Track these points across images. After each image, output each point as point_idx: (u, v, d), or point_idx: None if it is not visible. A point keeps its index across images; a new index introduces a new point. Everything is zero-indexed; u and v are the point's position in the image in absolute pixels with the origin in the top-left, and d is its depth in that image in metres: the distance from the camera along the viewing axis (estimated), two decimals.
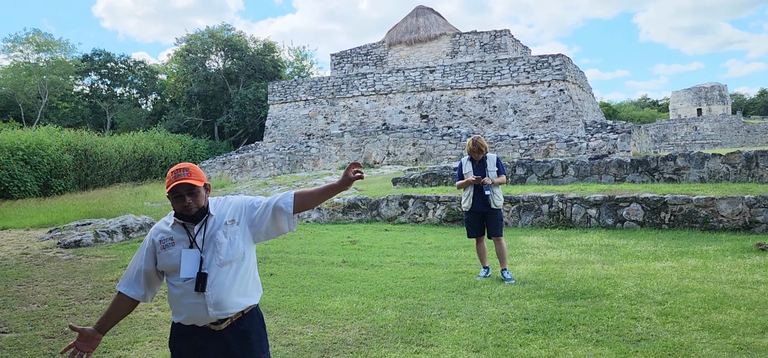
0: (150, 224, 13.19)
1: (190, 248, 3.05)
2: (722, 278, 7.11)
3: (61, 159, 26.72)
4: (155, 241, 3.13)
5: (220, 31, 46.96)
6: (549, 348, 5.02)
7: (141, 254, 3.18)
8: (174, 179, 3.04)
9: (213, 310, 3.01)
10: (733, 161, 13.53)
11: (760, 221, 10.36)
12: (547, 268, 8.13)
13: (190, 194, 3.06)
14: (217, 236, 3.06)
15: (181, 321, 3.10)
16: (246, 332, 3.11)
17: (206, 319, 3.04)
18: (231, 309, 3.06)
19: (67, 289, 7.78)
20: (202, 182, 3.11)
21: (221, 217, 3.12)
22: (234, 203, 3.20)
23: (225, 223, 3.11)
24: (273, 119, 34.64)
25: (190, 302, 3.02)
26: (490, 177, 7.68)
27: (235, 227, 3.12)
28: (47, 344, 5.57)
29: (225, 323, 3.06)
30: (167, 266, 3.08)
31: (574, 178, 14.95)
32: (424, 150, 26.38)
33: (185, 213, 3.06)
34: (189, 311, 3.03)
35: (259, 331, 3.19)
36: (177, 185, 3.03)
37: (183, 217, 3.08)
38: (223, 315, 3.05)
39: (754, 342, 4.94)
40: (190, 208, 3.05)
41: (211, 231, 3.08)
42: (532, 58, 28.80)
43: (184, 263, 3.03)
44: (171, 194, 3.05)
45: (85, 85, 52.30)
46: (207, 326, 3.06)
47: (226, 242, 3.07)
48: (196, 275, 3.00)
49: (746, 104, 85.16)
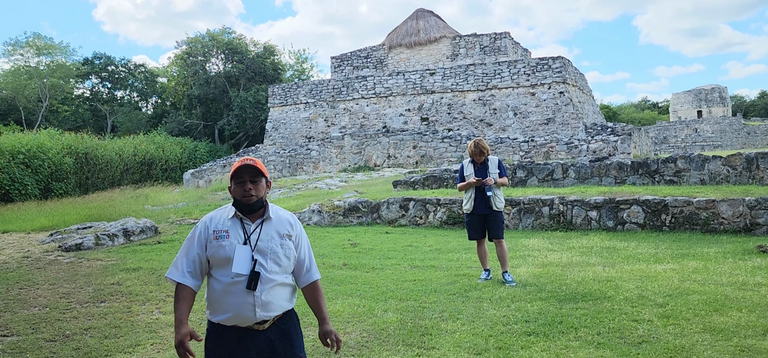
0: (151, 227, 13.20)
1: (244, 244, 3.06)
2: (723, 280, 7.11)
3: (61, 162, 26.74)
4: (210, 229, 3.12)
5: (221, 34, 47.03)
6: (550, 351, 5.02)
7: (192, 240, 3.16)
8: (240, 162, 3.09)
9: (260, 310, 3.03)
10: (733, 163, 13.54)
11: (761, 223, 10.36)
12: (548, 270, 8.13)
13: (253, 182, 3.09)
14: (274, 243, 3.10)
15: (221, 321, 3.08)
16: (287, 331, 3.17)
17: (251, 319, 3.04)
18: (276, 311, 3.11)
19: (68, 292, 7.78)
20: (265, 174, 3.16)
21: (279, 224, 3.17)
22: (294, 222, 3.25)
23: (282, 234, 3.15)
24: (273, 122, 34.67)
25: (236, 300, 3.02)
26: (493, 181, 7.68)
27: (290, 244, 3.17)
28: (49, 348, 5.57)
29: (268, 323, 3.10)
30: (218, 257, 3.06)
31: (574, 180, 14.96)
32: (424, 152, 26.39)
33: (245, 200, 3.08)
34: (234, 309, 3.03)
35: (298, 330, 3.27)
36: (242, 166, 3.07)
37: (242, 208, 3.10)
38: (268, 316, 3.08)
39: (755, 344, 4.93)
40: (251, 194, 3.08)
41: (268, 235, 3.11)
42: (532, 61, 28.82)
43: (238, 258, 3.02)
44: (235, 178, 3.09)
45: (86, 88, 52.40)
46: (250, 326, 3.07)
47: (282, 253, 3.12)
48: (250, 273, 3.01)
49: (746, 106, 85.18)
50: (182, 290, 3.16)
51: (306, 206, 15.21)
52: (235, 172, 3.09)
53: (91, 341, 5.73)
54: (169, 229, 13.92)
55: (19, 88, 43.12)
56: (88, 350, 5.47)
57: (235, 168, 3.09)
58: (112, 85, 52.88)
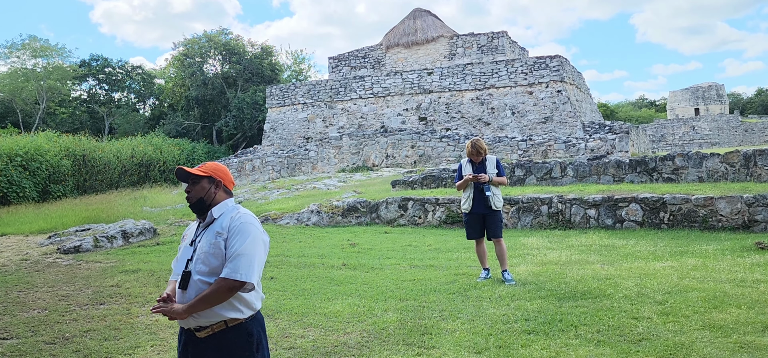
0: (149, 228, 13.19)
1: (190, 245, 3.08)
2: (722, 277, 7.13)
3: (59, 165, 26.70)
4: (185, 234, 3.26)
5: (218, 35, 46.98)
6: (550, 349, 5.03)
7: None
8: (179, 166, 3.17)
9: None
10: (731, 161, 13.56)
11: (759, 220, 10.38)
12: (548, 269, 8.14)
13: (192, 183, 3.12)
14: (204, 243, 2.99)
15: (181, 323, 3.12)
16: (228, 346, 2.94)
17: (188, 323, 2.95)
18: (209, 318, 2.91)
19: (67, 294, 7.78)
20: (204, 173, 3.12)
21: (218, 225, 3.02)
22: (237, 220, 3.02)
23: (217, 232, 2.99)
24: (271, 123, 34.65)
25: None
26: (489, 177, 7.69)
27: (220, 241, 2.97)
28: (48, 350, 5.56)
29: (204, 331, 2.94)
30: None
31: (573, 179, 14.97)
32: (422, 152, 26.40)
33: (188, 201, 3.13)
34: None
35: (245, 349, 2.98)
36: (177, 170, 3.12)
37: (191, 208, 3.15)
38: (203, 322, 2.92)
39: (754, 341, 4.95)
40: (189, 196, 3.11)
41: (206, 236, 3.03)
42: (530, 60, 28.84)
43: (179, 258, 3.08)
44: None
45: (83, 90, 52.30)
46: (190, 329, 2.97)
47: (210, 253, 2.96)
48: (182, 273, 3.00)
49: (744, 103, 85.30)
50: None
51: (304, 207, 15.21)
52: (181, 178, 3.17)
53: (90, 343, 5.73)
54: (168, 230, 13.91)
55: (16, 90, 43.03)
56: (88, 353, 5.47)
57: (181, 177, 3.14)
58: (110, 87, 52.79)
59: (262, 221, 14.86)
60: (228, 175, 3.22)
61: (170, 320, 2.97)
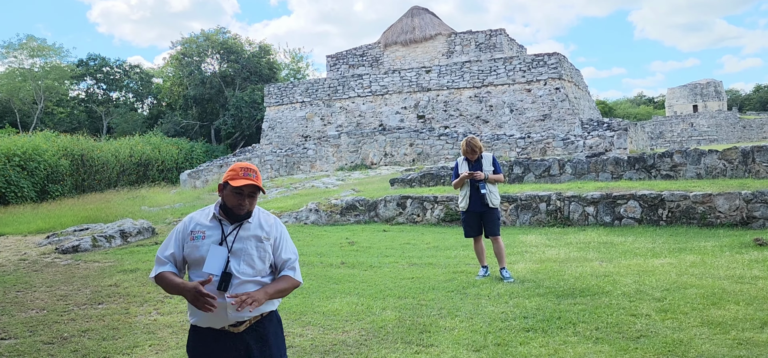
0: (148, 228, 13.17)
1: (219, 245, 3.03)
2: (721, 273, 7.13)
3: (57, 164, 26.66)
4: (188, 229, 3.10)
5: (216, 34, 46.94)
6: (549, 346, 5.03)
7: (170, 239, 3.14)
8: (243, 177, 3.05)
9: (231, 312, 2.98)
10: (729, 157, 13.57)
11: (758, 217, 10.39)
12: (546, 266, 8.14)
13: (251, 197, 3.08)
14: (248, 246, 3.06)
15: (196, 323, 3.05)
16: (265, 334, 3.10)
17: (225, 321, 3.00)
18: (249, 313, 3.02)
19: (65, 294, 7.77)
20: (263, 189, 3.14)
21: (257, 227, 3.12)
22: (272, 223, 3.19)
23: (259, 236, 3.09)
24: (269, 122, 34.63)
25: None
26: (485, 175, 7.69)
27: (265, 245, 3.11)
28: (47, 350, 5.56)
29: (243, 324, 3.04)
30: (193, 257, 3.05)
31: (571, 176, 14.98)
32: (421, 150, 26.39)
33: (237, 212, 3.06)
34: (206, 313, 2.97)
35: (277, 334, 3.18)
36: (245, 185, 3.02)
37: (227, 214, 3.08)
38: (241, 317, 3.02)
39: (753, 337, 4.95)
40: (244, 208, 3.06)
41: (245, 237, 3.06)
42: (528, 57, 28.83)
43: (211, 258, 2.99)
44: (234, 189, 3.03)
45: (81, 90, 52.28)
46: (225, 328, 3.02)
47: (256, 255, 3.07)
48: (221, 274, 2.97)
49: (742, 100, 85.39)
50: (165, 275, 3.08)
51: (303, 205, 15.20)
52: (238, 187, 3.03)
53: (89, 343, 5.72)
54: (167, 230, 13.90)
55: (13, 90, 42.96)
56: (86, 353, 5.46)
57: (240, 185, 3.02)
58: (108, 87, 52.77)
59: None
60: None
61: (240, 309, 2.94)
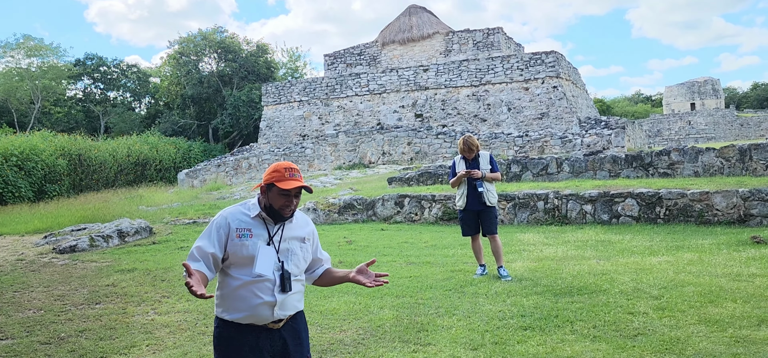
0: (145, 228, 13.15)
1: (268, 245, 3.05)
2: (718, 271, 7.14)
3: (55, 164, 26.62)
4: (232, 227, 3.04)
5: (213, 33, 46.87)
6: (546, 345, 5.03)
7: (210, 236, 3.04)
8: (290, 178, 3.04)
9: (278, 310, 3.04)
10: (727, 155, 13.59)
11: (755, 214, 10.41)
12: (544, 264, 8.15)
13: (297, 197, 3.09)
14: (294, 246, 3.13)
15: (236, 319, 3.02)
16: (298, 330, 3.20)
17: (268, 318, 3.03)
18: (290, 311, 3.12)
19: (63, 294, 7.75)
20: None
21: (298, 227, 3.19)
22: (306, 221, 3.29)
23: (301, 237, 3.18)
24: (267, 121, 34.60)
25: (256, 300, 2.98)
26: (482, 173, 7.69)
27: (307, 247, 3.23)
28: (44, 351, 5.54)
29: (282, 321, 3.10)
30: (240, 256, 3.00)
31: (569, 174, 14.99)
32: (419, 149, 26.39)
33: (284, 213, 3.06)
34: (252, 309, 2.99)
35: (306, 330, 3.31)
36: (294, 187, 3.02)
37: (274, 215, 3.07)
38: (284, 315, 3.09)
39: (750, 335, 4.95)
40: (291, 210, 3.08)
41: (290, 237, 3.13)
42: (526, 56, 28.84)
43: (262, 258, 3.00)
44: (282, 192, 3.02)
45: (78, 89, 52.19)
46: (265, 324, 3.06)
47: (301, 256, 3.17)
48: (280, 276, 3.02)
49: (739, 98, 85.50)
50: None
51: (301, 204, 15.20)
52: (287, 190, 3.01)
53: (86, 343, 5.71)
54: (164, 229, 13.88)
55: (10, 90, 42.86)
56: (83, 353, 5.45)
57: (289, 188, 3.00)
58: (105, 86, 52.66)
59: None
60: None
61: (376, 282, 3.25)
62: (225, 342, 3.07)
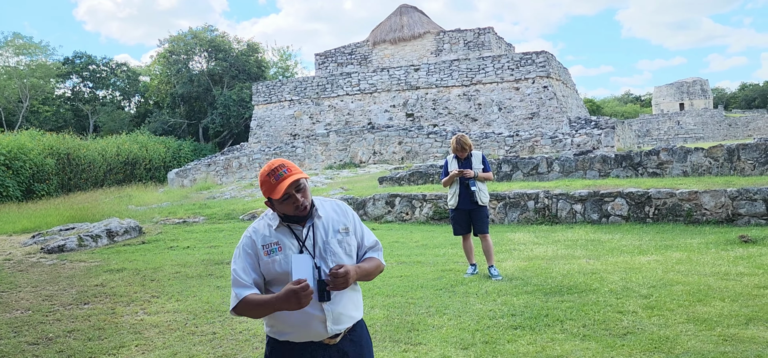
0: (135, 227, 13.07)
1: (300, 253, 2.69)
2: (706, 270, 7.19)
3: (43, 163, 26.41)
4: (258, 246, 2.73)
5: (204, 31, 46.67)
6: (536, 344, 5.04)
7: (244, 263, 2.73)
8: (278, 181, 2.67)
9: (332, 325, 2.71)
10: (715, 155, 13.68)
11: (743, 214, 10.49)
12: (534, 264, 8.17)
13: (299, 190, 2.71)
14: (331, 243, 2.76)
15: (291, 340, 2.73)
16: (359, 342, 2.86)
17: (323, 334, 2.71)
18: (347, 323, 2.78)
19: (51, 294, 7.69)
20: (304, 175, 2.76)
21: (330, 221, 2.81)
22: (344, 210, 2.89)
23: (338, 230, 2.80)
24: (258, 120, 34.50)
25: (306, 316, 2.67)
26: (475, 173, 7.71)
27: (349, 238, 2.83)
28: (31, 351, 5.50)
29: (340, 336, 2.78)
30: (274, 274, 2.70)
31: (559, 174, 15.04)
32: (409, 149, 26.41)
33: (300, 214, 2.72)
34: (302, 326, 2.69)
35: (367, 336, 2.96)
36: (287, 187, 2.66)
37: (291, 218, 2.75)
38: (340, 330, 2.75)
39: (738, 333, 4.99)
40: (304, 206, 2.71)
41: (323, 236, 2.76)
42: (516, 56, 28.93)
43: (297, 269, 2.61)
44: (281, 200, 2.69)
45: (67, 88, 51.76)
46: (323, 341, 2.75)
47: (342, 252, 2.78)
48: (317, 284, 2.64)
49: (727, 98, 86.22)
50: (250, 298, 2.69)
51: None
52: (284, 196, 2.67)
53: (74, 343, 5.67)
54: (154, 229, 13.81)
55: None
56: (72, 353, 5.41)
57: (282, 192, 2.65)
58: (94, 85, 52.27)
59: (249, 218, 14.79)
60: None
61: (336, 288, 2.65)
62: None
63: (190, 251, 10.71)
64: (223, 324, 6.06)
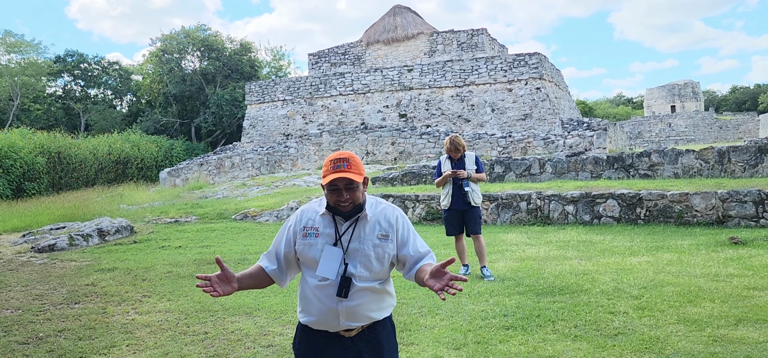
0: (126, 226, 13.02)
1: (334, 246, 2.78)
2: (697, 271, 7.23)
3: (33, 162, 26.25)
4: (299, 226, 2.86)
5: (196, 30, 46.51)
6: (528, 344, 5.06)
7: (281, 235, 2.93)
8: (333, 170, 2.74)
9: (344, 319, 2.77)
10: (706, 157, 13.77)
11: (733, 215, 10.56)
12: (526, 265, 8.19)
13: (349, 189, 2.75)
14: (366, 246, 2.79)
15: (308, 323, 2.85)
16: (378, 340, 2.86)
17: (337, 326, 2.79)
18: (362, 321, 2.82)
19: (41, 294, 7.64)
20: (362, 177, 2.80)
21: (375, 225, 2.83)
22: (392, 217, 2.89)
23: (377, 234, 2.82)
24: (251, 120, 34.42)
25: (321, 305, 2.77)
26: (468, 173, 7.72)
27: (388, 244, 2.83)
28: (21, 350, 5.46)
29: (355, 330, 2.83)
30: (307, 257, 2.82)
31: (551, 175, 15.09)
32: (402, 149, 26.42)
33: (341, 209, 2.77)
34: (319, 314, 2.78)
35: (390, 340, 2.94)
36: (336, 179, 2.73)
37: (336, 210, 2.80)
38: (353, 326, 2.81)
39: (728, 334, 5.03)
40: (346, 204, 2.76)
41: (361, 236, 2.80)
42: (509, 57, 29.00)
43: (325, 260, 2.74)
44: (328, 186, 2.76)
45: (58, 86, 51.49)
46: (339, 332, 2.82)
47: (374, 256, 2.79)
48: (340, 279, 2.73)
49: (718, 101, 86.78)
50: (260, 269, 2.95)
51: (284, 204, 15.13)
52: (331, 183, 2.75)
53: (65, 343, 5.63)
54: (145, 228, 13.75)
55: None
56: (62, 353, 5.38)
57: (331, 179, 2.73)
58: (86, 83, 52.00)
59: (241, 218, 14.76)
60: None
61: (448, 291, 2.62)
62: (299, 344, 2.93)
63: (182, 250, 10.67)
64: (215, 324, 6.04)
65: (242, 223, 14.25)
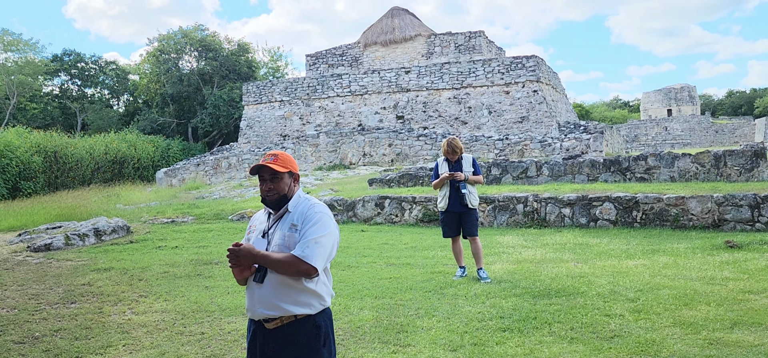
0: (123, 226, 12.99)
1: (262, 237, 3.07)
2: (693, 275, 7.26)
3: (30, 161, 26.19)
4: (250, 222, 3.27)
5: (194, 31, 46.46)
6: (525, 346, 5.07)
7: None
8: (261, 162, 3.08)
9: (259, 306, 2.97)
10: (702, 161, 13.81)
11: (729, 219, 10.59)
12: (523, 267, 8.21)
13: (273, 180, 3.06)
14: (277, 236, 3.02)
15: (247, 313, 3.13)
16: (294, 338, 2.97)
17: (256, 313, 3.01)
18: (278, 312, 2.95)
19: (37, 293, 7.63)
20: (286, 169, 3.08)
21: (295, 217, 3.04)
22: (310, 211, 3.03)
23: (292, 224, 3.03)
24: (248, 120, 34.40)
25: (249, 293, 3.04)
26: (465, 175, 7.73)
27: (294, 235, 2.99)
28: (17, 350, 5.45)
29: (274, 322, 2.98)
30: None
31: (548, 178, 15.12)
32: (400, 151, 26.43)
33: (266, 198, 3.08)
34: (248, 300, 3.06)
35: (311, 343, 2.99)
36: (258, 167, 3.07)
37: (266, 203, 3.11)
38: (270, 315, 2.97)
39: (723, 337, 5.05)
40: (271, 193, 3.07)
41: (281, 229, 3.04)
42: (507, 60, 29.05)
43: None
44: (256, 175, 3.11)
45: (55, 85, 51.36)
46: (260, 321, 3.03)
47: (282, 245, 2.98)
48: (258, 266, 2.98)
49: (715, 105, 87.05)
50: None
51: None
52: (253, 171, 3.11)
53: (61, 342, 5.62)
54: (142, 228, 13.73)
55: None
56: (58, 352, 5.37)
57: (253, 167, 3.10)
58: (82, 83, 51.88)
59: (238, 219, 14.75)
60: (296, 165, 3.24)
61: (236, 264, 2.93)
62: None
63: (179, 250, 10.66)
64: (212, 324, 6.04)
65: (239, 223, 14.23)
